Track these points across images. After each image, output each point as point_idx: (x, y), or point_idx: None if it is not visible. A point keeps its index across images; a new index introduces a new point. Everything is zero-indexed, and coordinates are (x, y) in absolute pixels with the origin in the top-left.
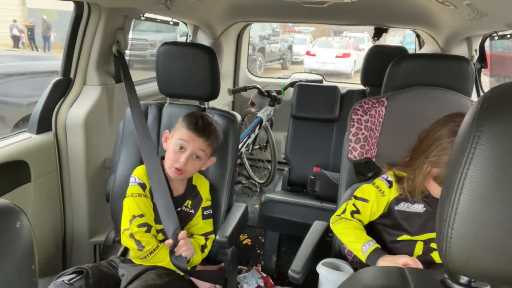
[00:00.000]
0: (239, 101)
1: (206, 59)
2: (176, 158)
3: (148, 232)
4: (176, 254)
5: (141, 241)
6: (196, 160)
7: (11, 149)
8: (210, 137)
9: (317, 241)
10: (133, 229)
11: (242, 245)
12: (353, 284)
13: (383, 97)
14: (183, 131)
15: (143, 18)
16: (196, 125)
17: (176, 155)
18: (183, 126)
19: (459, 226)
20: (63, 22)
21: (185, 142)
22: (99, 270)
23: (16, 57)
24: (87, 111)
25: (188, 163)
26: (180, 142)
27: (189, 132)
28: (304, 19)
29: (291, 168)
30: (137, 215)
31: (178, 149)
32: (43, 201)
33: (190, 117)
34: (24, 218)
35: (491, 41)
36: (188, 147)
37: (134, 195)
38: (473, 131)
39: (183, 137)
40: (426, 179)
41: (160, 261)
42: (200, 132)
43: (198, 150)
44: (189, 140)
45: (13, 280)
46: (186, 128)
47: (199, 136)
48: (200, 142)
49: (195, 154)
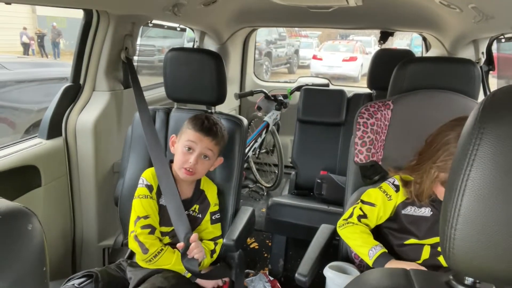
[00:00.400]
0: (245, 106)
1: (212, 64)
2: (185, 159)
3: (152, 234)
4: (188, 257)
5: (145, 243)
6: (205, 160)
7: (22, 154)
8: (217, 136)
9: (324, 244)
10: (137, 230)
11: (249, 249)
12: (359, 285)
13: (389, 100)
14: (190, 133)
15: (151, 24)
16: (202, 126)
17: (185, 156)
18: (189, 127)
19: (462, 227)
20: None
21: (192, 143)
22: (108, 273)
23: (27, 64)
24: (96, 117)
25: (198, 163)
26: (188, 143)
27: (196, 133)
28: (310, 24)
29: (298, 172)
30: (142, 216)
31: (186, 150)
32: (53, 205)
33: (196, 118)
34: (35, 220)
35: (498, 43)
36: (196, 147)
37: (140, 196)
38: (475, 133)
39: (190, 138)
40: (434, 183)
41: (166, 264)
42: (206, 131)
43: (206, 149)
44: (196, 140)
45: (25, 281)
46: (193, 129)
47: (206, 135)
48: (207, 141)
49: (204, 154)
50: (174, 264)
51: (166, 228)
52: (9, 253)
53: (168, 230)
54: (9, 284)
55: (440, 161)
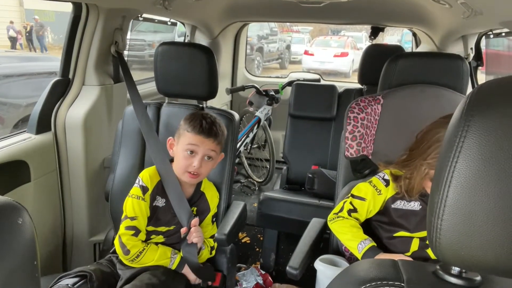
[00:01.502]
0: (237, 101)
1: (204, 58)
2: (188, 163)
3: (135, 236)
4: (188, 242)
5: (127, 245)
6: (209, 161)
7: (11, 149)
8: (218, 135)
9: (315, 238)
10: (121, 230)
11: (241, 243)
12: (347, 276)
13: (379, 95)
14: (190, 136)
15: (141, 18)
16: (201, 127)
17: (188, 160)
18: (188, 130)
19: (448, 218)
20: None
21: (194, 146)
22: (101, 271)
23: (14, 58)
24: (86, 111)
25: (202, 165)
26: (189, 147)
27: (196, 136)
28: (301, 19)
29: (289, 167)
30: (129, 217)
31: (189, 154)
32: (42, 201)
33: (193, 119)
34: (25, 214)
35: (486, 39)
36: (199, 150)
37: (133, 196)
38: (461, 125)
39: (191, 142)
40: (424, 180)
41: (149, 261)
42: (207, 133)
43: (209, 151)
44: (198, 143)
45: (16, 275)
46: (192, 132)
47: (208, 137)
48: (209, 143)
49: (207, 155)
50: (158, 259)
51: (161, 228)
52: (0, 247)
53: (163, 230)
54: (1, 276)
55: (431, 158)
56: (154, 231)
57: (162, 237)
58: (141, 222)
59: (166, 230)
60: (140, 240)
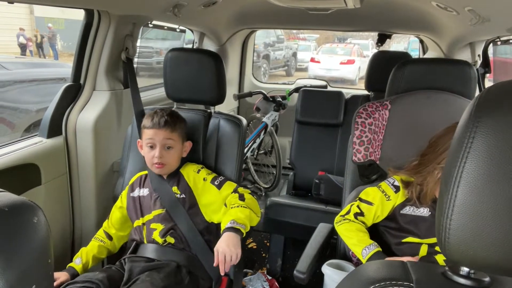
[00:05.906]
0: (244, 107)
1: (212, 64)
2: (151, 156)
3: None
4: (226, 271)
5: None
6: (170, 150)
7: (23, 153)
8: (170, 124)
9: (322, 242)
10: None
11: (248, 249)
12: (356, 276)
13: (387, 100)
14: (146, 132)
15: (151, 25)
16: (152, 121)
17: (150, 153)
18: (145, 127)
19: (457, 218)
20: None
21: (151, 140)
22: (109, 280)
23: (26, 64)
24: (97, 116)
25: (163, 155)
26: (148, 141)
27: (151, 130)
28: (308, 26)
29: (296, 173)
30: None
31: (149, 148)
32: (53, 204)
33: (147, 117)
34: (40, 214)
35: (494, 47)
36: (156, 142)
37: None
38: (470, 126)
39: (148, 136)
40: (437, 184)
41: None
42: (159, 124)
43: (166, 140)
44: (153, 136)
45: (31, 272)
46: (148, 128)
47: (160, 128)
48: (163, 133)
49: (165, 145)
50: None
51: (148, 216)
52: (16, 245)
53: (150, 218)
54: (17, 275)
55: (445, 162)
56: (148, 221)
57: (160, 225)
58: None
59: (157, 214)
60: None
